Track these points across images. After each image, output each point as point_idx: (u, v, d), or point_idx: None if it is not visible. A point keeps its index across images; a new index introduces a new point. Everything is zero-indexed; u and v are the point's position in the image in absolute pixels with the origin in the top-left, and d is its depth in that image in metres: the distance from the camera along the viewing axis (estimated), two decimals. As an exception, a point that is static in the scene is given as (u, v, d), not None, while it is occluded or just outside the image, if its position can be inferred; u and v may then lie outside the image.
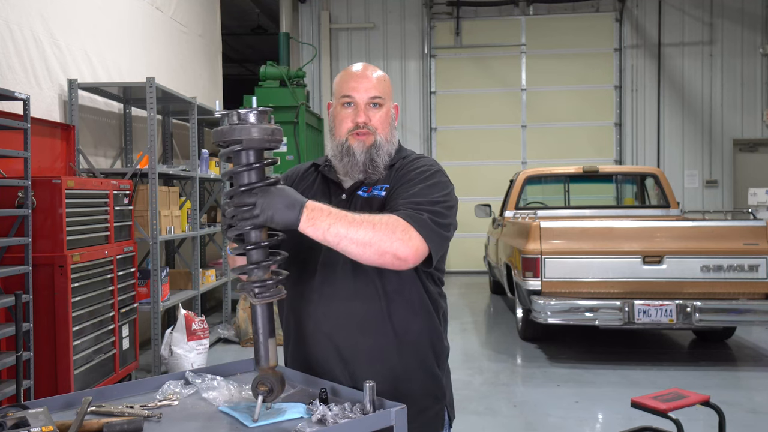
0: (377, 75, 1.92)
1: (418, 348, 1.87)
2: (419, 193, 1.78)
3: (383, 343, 1.83)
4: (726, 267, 5.66)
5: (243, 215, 1.56)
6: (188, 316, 5.46)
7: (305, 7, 12.80)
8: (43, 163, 5.11)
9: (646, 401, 3.26)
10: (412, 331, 1.86)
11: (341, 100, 1.90)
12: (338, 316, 1.83)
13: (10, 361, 3.87)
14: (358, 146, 1.87)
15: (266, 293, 1.60)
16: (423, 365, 1.88)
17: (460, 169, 12.45)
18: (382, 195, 1.87)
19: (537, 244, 5.84)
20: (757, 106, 12.32)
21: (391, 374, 1.82)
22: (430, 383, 1.90)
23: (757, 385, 5.37)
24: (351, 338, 1.83)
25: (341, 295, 1.83)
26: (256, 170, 1.59)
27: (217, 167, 7.42)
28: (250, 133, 1.56)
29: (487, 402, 5.01)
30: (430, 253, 1.73)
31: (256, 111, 1.58)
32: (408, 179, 1.85)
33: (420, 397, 1.86)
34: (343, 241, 1.62)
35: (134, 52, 6.86)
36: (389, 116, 1.93)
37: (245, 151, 1.58)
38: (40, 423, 1.40)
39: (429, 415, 1.89)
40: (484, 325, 7.97)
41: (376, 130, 1.89)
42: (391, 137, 1.93)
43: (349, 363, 1.83)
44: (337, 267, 1.83)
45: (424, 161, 1.92)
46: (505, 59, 12.63)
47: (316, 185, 1.98)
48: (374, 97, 1.89)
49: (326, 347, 1.85)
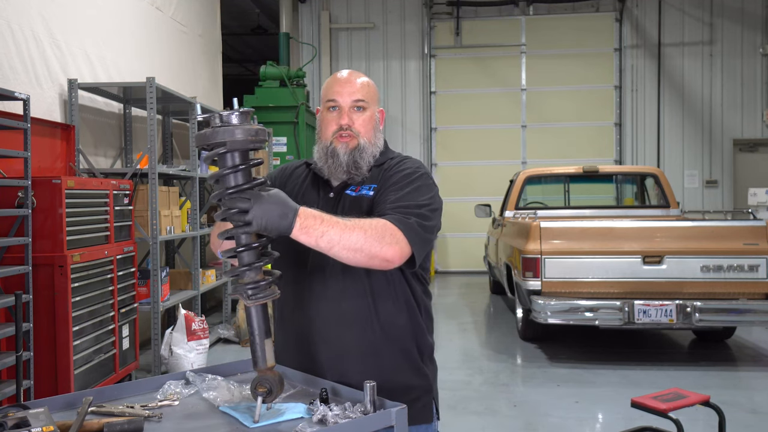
0: (361, 80, 1.99)
1: (404, 343, 1.94)
2: (406, 196, 1.85)
3: (371, 338, 1.90)
4: (726, 267, 5.66)
5: (236, 222, 1.57)
6: (188, 316, 5.46)
7: (305, 7, 12.80)
8: (43, 163, 5.11)
9: (646, 401, 3.27)
10: (397, 327, 1.93)
11: (326, 104, 1.98)
12: (328, 313, 1.90)
13: (10, 361, 3.87)
14: (342, 148, 1.93)
15: (260, 294, 1.60)
16: (409, 359, 1.95)
17: (460, 169, 12.46)
18: (370, 195, 1.93)
19: (537, 244, 5.84)
20: (757, 106, 12.32)
21: (379, 368, 1.88)
22: (417, 376, 1.96)
23: (757, 385, 5.37)
24: (340, 334, 1.90)
25: (331, 294, 1.90)
26: (242, 172, 1.58)
27: (217, 167, 7.41)
28: (234, 134, 1.55)
29: (487, 402, 5.01)
30: (413, 254, 1.79)
31: (238, 112, 1.58)
32: (394, 181, 1.91)
33: (407, 389, 1.92)
34: (335, 248, 1.66)
35: (134, 52, 6.86)
36: (373, 120, 1.99)
37: (230, 153, 1.57)
38: (40, 423, 1.40)
39: (417, 406, 1.94)
40: (484, 325, 7.97)
41: (360, 133, 1.95)
42: (375, 140, 1.99)
43: (338, 358, 1.89)
44: (326, 267, 1.89)
45: (411, 163, 1.98)
46: (505, 59, 12.63)
47: (306, 183, 2.04)
48: (357, 100, 1.95)
49: (316, 343, 1.91)
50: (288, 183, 2.06)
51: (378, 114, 2.03)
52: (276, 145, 9.71)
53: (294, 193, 2.01)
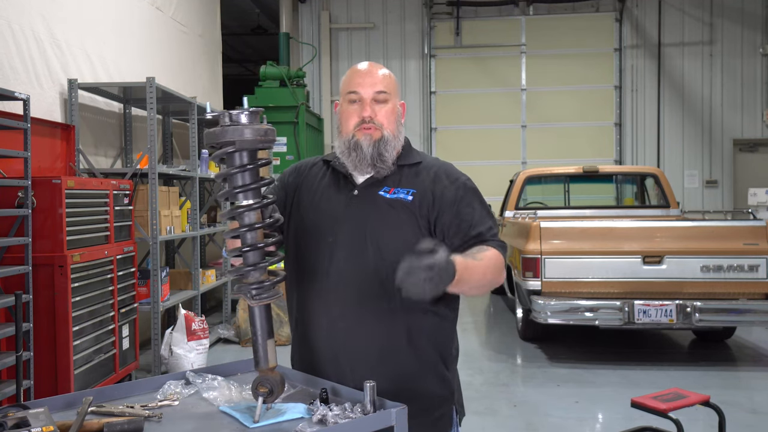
0: (382, 72, 1.94)
1: (429, 349, 1.88)
2: (486, 216, 1.91)
3: (396, 342, 1.84)
4: (726, 267, 5.66)
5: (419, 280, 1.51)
6: (188, 316, 5.46)
7: (305, 7, 12.80)
8: (43, 163, 5.11)
9: (646, 401, 3.26)
10: (424, 332, 1.87)
11: (347, 96, 1.91)
12: (353, 315, 1.84)
13: (10, 361, 3.87)
14: (365, 140, 1.87)
15: (264, 295, 1.60)
16: (433, 366, 1.89)
17: (460, 169, 12.43)
18: (409, 200, 1.87)
19: (537, 244, 5.83)
20: (757, 106, 12.32)
21: (401, 374, 1.83)
22: (440, 383, 1.90)
23: (757, 385, 5.37)
24: (364, 337, 1.83)
25: (358, 295, 1.83)
26: (250, 171, 1.58)
27: (217, 167, 7.42)
28: (243, 134, 1.55)
29: (487, 402, 5.01)
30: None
31: (248, 112, 1.58)
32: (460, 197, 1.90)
33: (429, 397, 1.87)
34: (471, 291, 1.73)
35: (134, 52, 6.86)
36: (395, 112, 1.93)
37: (238, 153, 1.57)
38: (40, 423, 1.40)
39: (435, 415, 1.89)
40: (484, 325, 7.97)
41: (382, 125, 1.89)
42: (398, 133, 1.93)
43: (360, 362, 1.83)
44: (354, 268, 1.83)
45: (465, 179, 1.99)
46: (505, 59, 12.63)
47: (325, 181, 1.97)
48: (379, 92, 1.89)
49: (339, 345, 1.85)
50: (305, 182, 1.99)
51: (399, 107, 1.97)
52: (276, 144, 9.68)
53: (312, 191, 1.95)
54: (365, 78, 1.90)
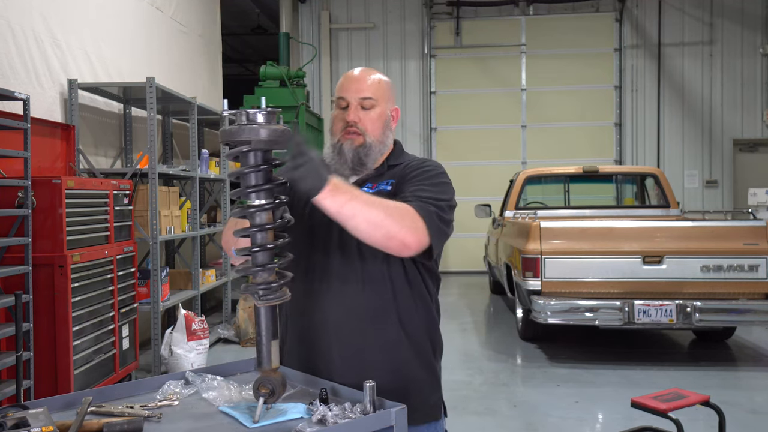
0: (373, 78, 1.97)
1: (420, 340, 1.94)
2: (427, 189, 1.85)
3: (390, 334, 1.88)
4: (726, 267, 5.66)
5: (288, 161, 1.56)
6: (188, 316, 5.46)
7: (305, 7, 12.80)
8: (43, 163, 5.11)
9: (646, 401, 3.26)
10: (414, 324, 1.92)
11: (336, 101, 1.98)
12: (347, 308, 1.87)
13: (10, 361, 3.87)
14: (347, 145, 1.92)
15: (271, 296, 1.60)
16: (422, 355, 1.94)
17: (460, 169, 12.44)
18: (388, 189, 1.92)
19: (537, 244, 5.84)
20: (757, 106, 12.32)
21: (395, 365, 1.88)
22: (429, 373, 1.96)
23: (757, 385, 5.37)
24: (358, 329, 1.87)
25: (350, 288, 1.87)
26: (264, 171, 1.58)
27: (217, 167, 7.42)
28: (259, 134, 1.55)
29: (487, 402, 5.01)
30: (430, 245, 1.79)
31: (265, 111, 1.58)
32: (414, 176, 1.91)
33: (421, 386, 1.92)
34: (356, 218, 1.65)
35: (134, 52, 6.86)
36: (382, 118, 1.96)
37: (253, 152, 1.57)
38: (40, 423, 1.40)
39: (429, 403, 1.95)
40: (484, 325, 7.97)
41: (366, 130, 1.93)
42: (383, 138, 1.97)
43: (355, 356, 1.86)
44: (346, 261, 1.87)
45: (431, 164, 1.99)
46: (505, 59, 12.63)
47: None
48: (365, 98, 1.93)
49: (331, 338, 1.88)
50: None
51: (391, 112, 2.00)
52: (276, 145, 9.68)
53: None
54: (352, 84, 1.96)
